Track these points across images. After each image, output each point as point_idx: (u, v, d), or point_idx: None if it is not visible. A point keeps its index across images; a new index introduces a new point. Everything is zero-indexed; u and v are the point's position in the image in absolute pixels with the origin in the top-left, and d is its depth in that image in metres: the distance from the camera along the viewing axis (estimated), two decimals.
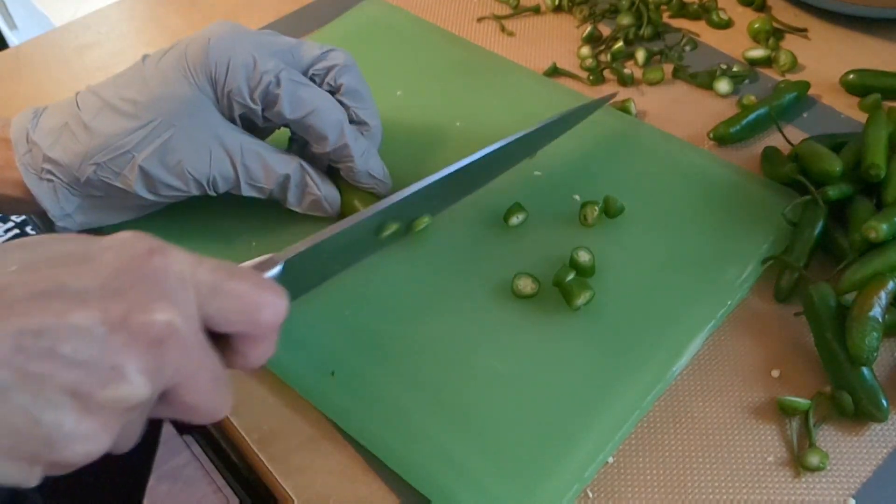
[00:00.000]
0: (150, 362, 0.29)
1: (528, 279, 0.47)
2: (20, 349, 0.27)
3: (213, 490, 0.41)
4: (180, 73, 0.45)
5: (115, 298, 0.29)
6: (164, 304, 0.30)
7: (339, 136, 0.48)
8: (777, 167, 0.52)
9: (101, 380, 0.28)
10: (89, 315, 0.28)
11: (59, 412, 0.28)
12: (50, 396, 0.28)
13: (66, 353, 0.28)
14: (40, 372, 0.27)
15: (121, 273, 0.30)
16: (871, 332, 0.41)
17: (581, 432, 0.41)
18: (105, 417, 0.29)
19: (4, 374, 0.27)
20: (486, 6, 0.71)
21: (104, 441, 0.29)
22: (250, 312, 0.33)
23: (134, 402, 0.29)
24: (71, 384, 0.28)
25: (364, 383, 0.43)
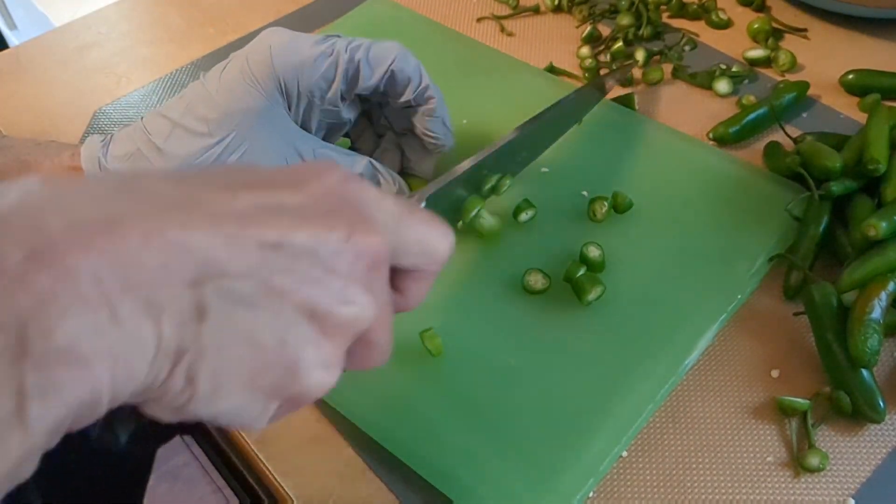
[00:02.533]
0: (370, 284, 0.29)
1: (538, 275, 0.47)
2: (264, 262, 0.25)
3: (213, 490, 0.41)
4: (247, 85, 0.45)
5: (332, 218, 0.28)
6: (375, 228, 0.29)
7: (420, 77, 0.48)
8: (779, 160, 0.52)
9: (336, 299, 0.27)
10: (316, 233, 0.27)
11: (301, 333, 0.26)
12: (291, 315, 0.26)
13: (303, 269, 0.26)
14: (283, 288, 0.26)
15: (328, 195, 0.29)
16: (872, 335, 0.41)
17: (595, 427, 0.41)
18: (338, 343, 0.28)
19: (253, 286, 0.25)
20: (485, 6, 0.71)
21: (337, 371, 0.28)
22: (428, 244, 0.33)
23: (364, 324, 0.28)
24: (310, 303, 0.26)
25: (376, 381, 0.44)
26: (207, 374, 0.25)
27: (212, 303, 0.24)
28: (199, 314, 0.24)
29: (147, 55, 0.69)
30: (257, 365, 0.26)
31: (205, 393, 0.25)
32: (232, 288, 0.25)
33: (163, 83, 0.66)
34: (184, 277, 0.24)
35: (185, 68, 0.67)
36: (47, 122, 0.63)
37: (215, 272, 0.24)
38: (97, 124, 0.62)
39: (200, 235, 0.24)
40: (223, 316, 0.24)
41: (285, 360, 0.26)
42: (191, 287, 0.24)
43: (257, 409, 0.27)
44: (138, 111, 0.63)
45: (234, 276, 0.25)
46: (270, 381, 0.26)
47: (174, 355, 0.24)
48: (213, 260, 0.24)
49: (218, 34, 0.71)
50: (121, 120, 0.62)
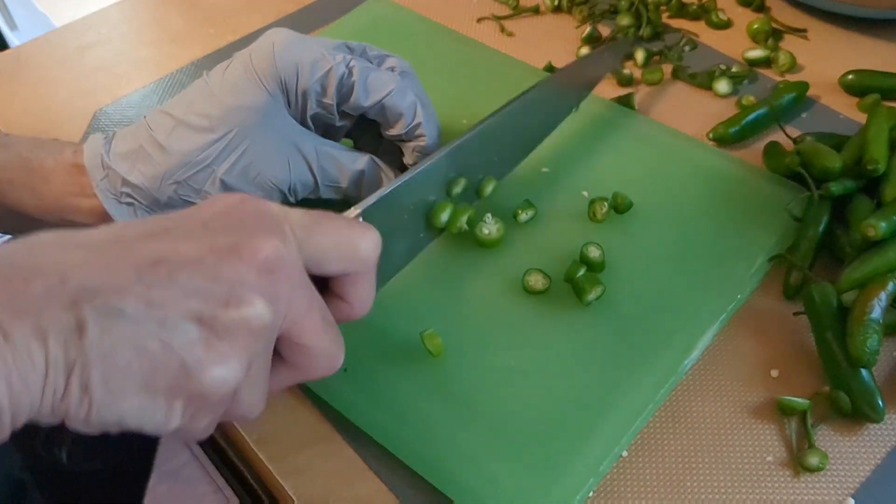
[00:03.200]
0: (265, 288, 0.30)
1: (539, 275, 0.47)
2: (140, 279, 0.28)
3: (213, 490, 0.41)
4: (250, 82, 0.45)
5: (219, 235, 0.31)
6: (268, 235, 0.31)
7: (413, 115, 0.48)
8: (779, 160, 0.52)
9: (222, 302, 0.29)
10: (198, 247, 0.30)
11: (188, 335, 0.29)
12: (176, 322, 0.29)
13: (183, 280, 0.29)
14: (162, 299, 0.28)
15: (219, 216, 0.32)
16: (872, 335, 0.41)
17: (595, 427, 0.41)
18: (233, 341, 0.30)
19: (130, 301, 0.28)
20: (485, 6, 0.71)
21: (236, 367, 0.30)
22: (347, 245, 0.35)
23: (257, 324, 0.30)
24: (194, 309, 0.29)
25: (376, 381, 0.44)
26: (99, 382, 0.28)
27: (90, 319, 0.27)
28: (80, 331, 0.27)
29: (147, 55, 0.69)
30: (147, 368, 0.28)
31: (101, 399, 0.28)
32: (108, 304, 0.28)
33: (163, 83, 0.66)
34: (63, 301, 0.27)
35: (185, 69, 0.67)
36: (48, 122, 0.63)
37: (91, 292, 0.28)
38: (97, 124, 0.62)
39: (76, 266, 0.28)
40: (102, 329, 0.28)
41: (174, 361, 0.29)
42: (69, 308, 0.27)
43: (161, 410, 0.29)
44: (138, 111, 0.63)
45: (109, 294, 0.28)
46: (165, 382, 0.29)
47: (65, 369, 0.27)
48: (88, 284, 0.28)
49: (218, 35, 0.71)
50: (121, 120, 0.63)
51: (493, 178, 0.50)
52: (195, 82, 0.47)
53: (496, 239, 0.49)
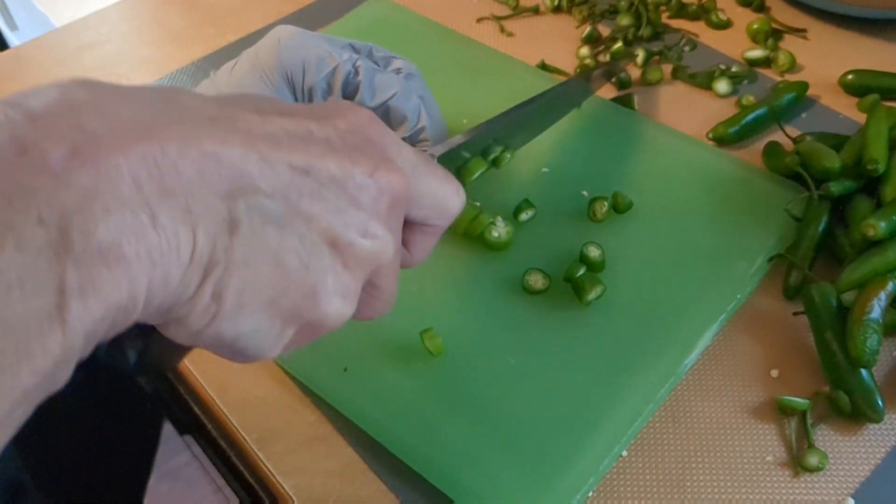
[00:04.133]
0: (390, 221, 0.29)
1: (539, 275, 0.47)
2: (293, 184, 0.26)
3: (213, 490, 0.41)
4: (256, 79, 0.45)
5: (358, 153, 0.28)
6: (398, 168, 0.30)
7: (417, 119, 0.48)
8: (779, 160, 0.52)
9: (359, 231, 0.28)
10: (342, 164, 0.28)
11: (323, 260, 0.27)
12: (315, 242, 0.27)
13: (329, 197, 0.27)
14: (310, 212, 0.26)
15: (355, 131, 0.30)
16: (871, 335, 0.41)
17: (595, 426, 0.41)
18: (356, 274, 0.28)
19: (282, 206, 0.26)
20: (485, 6, 0.71)
21: (354, 302, 0.28)
22: (442, 198, 0.34)
23: (382, 259, 0.29)
24: (333, 232, 0.27)
25: (376, 381, 0.44)
26: (233, 291, 0.25)
27: (243, 217, 0.24)
28: (232, 227, 0.24)
29: (147, 55, 0.69)
30: (280, 286, 0.26)
31: (229, 310, 0.25)
32: (263, 205, 0.25)
33: (163, 83, 0.66)
34: (218, 189, 0.24)
35: (185, 69, 0.67)
36: None
37: (248, 187, 0.25)
38: None
39: (235, 150, 0.24)
40: (253, 232, 0.25)
41: (306, 284, 0.26)
42: (224, 199, 0.24)
43: (274, 333, 0.27)
44: None
45: (265, 193, 0.25)
46: (290, 305, 0.27)
47: (205, 267, 0.24)
48: (246, 175, 0.25)
49: (218, 35, 0.71)
50: None
51: (511, 150, 0.50)
52: (203, 82, 0.47)
53: (505, 242, 0.49)
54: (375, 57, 0.49)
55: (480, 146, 0.47)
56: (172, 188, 0.23)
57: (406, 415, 0.42)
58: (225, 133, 0.25)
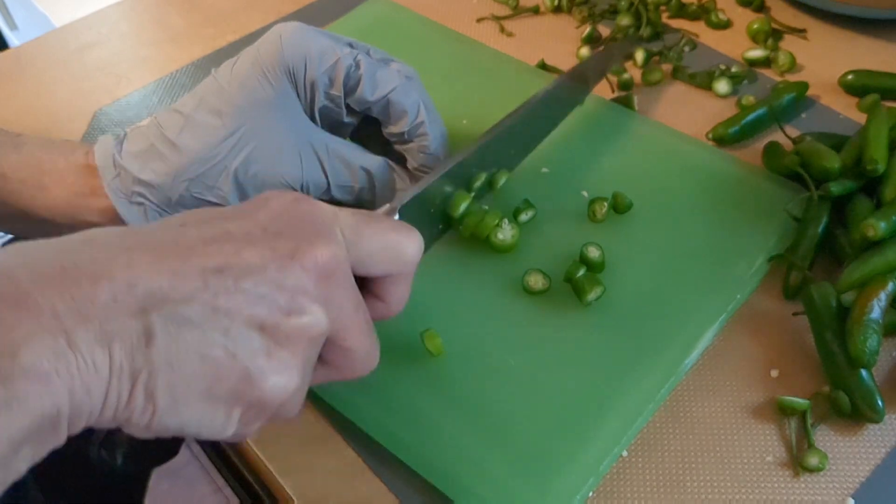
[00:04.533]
0: (321, 295, 0.31)
1: (539, 275, 0.47)
2: (206, 286, 0.28)
3: (213, 490, 0.41)
4: (258, 75, 0.45)
5: (279, 239, 0.31)
6: (325, 241, 0.32)
7: (417, 114, 0.48)
8: (779, 160, 0.52)
9: (284, 311, 0.30)
10: (261, 253, 0.30)
11: (251, 344, 0.29)
12: (240, 331, 0.29)
13: (248, 287, 0.29)
14: (228, 307, 0.29)
15: (276, 218, 0.32)
16: (871, 335, 0.41)
17: (595, 426, 0.41)
18: (292, 349, 0.30)
19: (197, 309, 0.28)
20: (485, 6, 0.71)
21: (295, 375, 0.31)
22: (394, 249, 0.35)
23: (315, 332, 0.31)
24: (258, 318, 0.29)
25: (376, 381, 0.44)
26: (164, 390, 0.28)
27: (157, 327, 0.27)
28: (147, 338, 0.27)
29: (147, 55, 0.69)
30: (211, 377, 0.29)
31: (165, 406, 0.28)
32: (176, 313, 0.28)
33: (163, 83, 0.66)
34: (130, 308, 0.27)
35: (185, 69, 0.67)
36: (48, 122, 0.63)
37: (159, 301, 0.28)
38: (97, 124, 0.62)
39: (143, 272, 0.28)
40: (169, 338, 0.28)
41: (238, 370, 0.29)
42: (137, 316, 0.27)
43: (220, 417, 0.30)
44: (138, 111, 0.63)
45: (177, 301, 0.28)
46: (227, 390, 0.29)
47: (130, 376, 0.27)
48: (157, 291, 0.28)
49: (218, 35, 0.71)
50: (121, 120, 0.63)
51: (505, 170, 0.50)
52: (204, 80, 0.47)
53: (511, 244, 0.49)
54: (373, 58, 0.49)
55: (461, 176, 0.47)
56: (87, 315, 0.26)
57: (406, 415, 0.42)
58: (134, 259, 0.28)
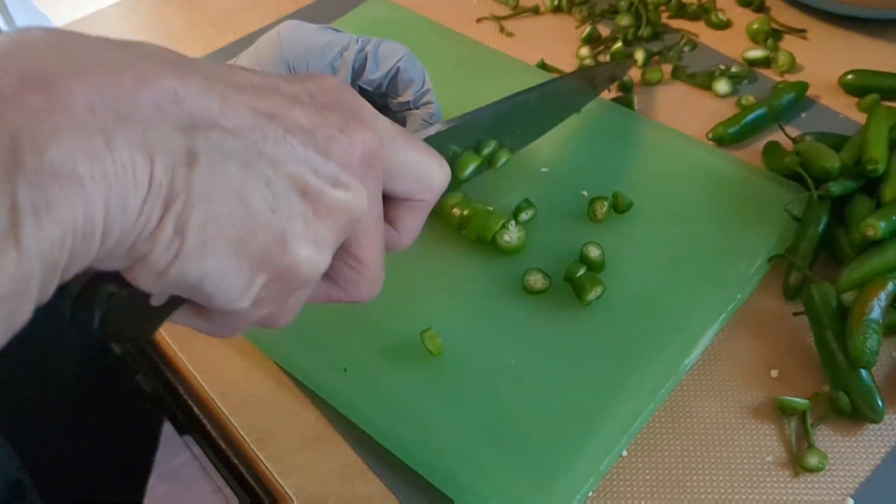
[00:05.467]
0: (365, 177, 0.29)
1: (539, 275, 0.47)
2: (255, 126, 0.26)
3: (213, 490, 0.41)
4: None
5: (327, 110, 0.29)
6: (370, 127, 0.30)
7: (423, 82, 0.49)
8: (779, 160, 0.52)
9: (329, 181, 0.27)
10: (310, 116, 0.28)
11: (292, 206, 0.27)
12: (283, 186, 0.26)
13: (296, 145, 0.27)
14: (276, 156, 0.26)
15: (324, 92, 0.30)
16: (871, 335, 0.41)
17: (595, 426, 0.41)
18: (330, 224, 0.28)
19: (244, 145, 0.26)
20: (485, 6, 0.71)
21: (327, 253, 0.28)
22: (425, 169, 0.33)
23: (356, 213, 0.28)
24: (302, 179, 0.27)
25: (376, 380, 0.44)
26: (196, 226, 0.24)
27: (202, 150, 0.24)
28: (190, 159, 0.24)
29: None
30: (246, 227, 0.26)
31: (192, 247, 0.25)
32: (223, 142, 0.25)
33: None
34: (176, 121, 0.24)
35: None
36: None
37: (207, 123, 0.25)
38: None
39: (194, 88, 0.25)
40: (213, 166, 0.25)
41: (274, 227, 0.26)
42: (183, 132, 0.24)
43: (243, 279, 0.27)
44: None
45: (225, 130, 0.25)
46: (258, 248, 0.26)
47: (165, 199, 0.24)
48: (205, 111, 0.25)
49: (218, 35, 0.71)
50: None
51: (507, 150, 0.50)
52: None
53: (518, 246, 0.49)
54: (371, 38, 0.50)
55: (470, 138, 0.46)
56: (128, 116, 0.23)
57: (406, 415, 0.42)
58: (185, 73, 0.25)
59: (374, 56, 0.47)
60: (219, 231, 0.25)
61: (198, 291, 0.26)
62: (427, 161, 0.33)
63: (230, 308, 0.27)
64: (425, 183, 0.33)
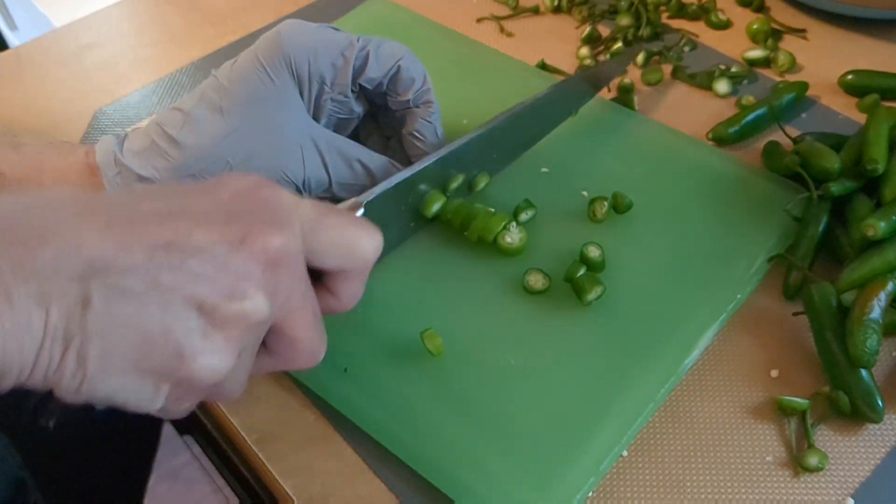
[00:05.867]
0: (267, 282, 0.31)
1: (539, 275, 0.47)
2: (152, 260, 0.29)
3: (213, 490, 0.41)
4: (259, 71, 0.45)
5: (234, 223, 0.31)
6: (279, 229, 0.32)
7: (423, 80, 0.49)
8: (779, 160, 0.52)
9: (226, 294, 0.30)
10: (211, 235, 0.30)
11: (188, 323, 0.29)
12: (179, 308, 0.29)
13: (193, 267, 0.29)
14: (170, 283, 0.29)
15: (236, 200, 0.32)
16: (871, 335, 0.41)
17: (595, 426, 0.41)
18: (228, 333, 0.30)
19: (138, 281, 0.28)
20: (485, 6, 0.71)
21: (228, 358, 0.31)
22: (351, 244, 0.35)
23: (255, 319, 0.31)
24: (198, 297, 0.29)
25: (376, 381, 0.44)
26: (96, 357, 0.28)
27: (96, 294, 0.28)
28: (84, 304, 0.28)
29: (147, 56, 0.69)
30: (143, 349, 0.29)
31: (94, 374, 0.28)
32: (117, 283, 0.28)
33: (163, 83, 0.66)
34: (72, 273, 0.27)
35: (185, 69, 0.67)
36: (48, 122, 0.63)
37: (101, 267, 0.28)
38: (97, 124, 0.62)
39: (90, 238, 0.28)
40: (107, 306, 0.28)
41: (171, 346, 0.29)
42: (78, 281, 0.28)
43: (148, 390, 0.30)
44: (138, 111, 0.63)
45: (120, 272, 0.28)
46: (157, 364, 0.29)
47: (63, 339, 0.28)
48: (100, 259, 0.28)
49: (218, 35, 0.71)
50: (121, 120, 0.63)
51: (486, 174, 0.51)
52: (204, 81, 0.47)
53: (519, 248, 0.49)
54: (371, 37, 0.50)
55: (435, 177, 0.47)
56: (28, 273, 0.27)
57: (406, 415, 0.42)
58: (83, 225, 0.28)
59: (375, 55, 0.47)
60: (117, 357, 0.29)
61: (113, 402, 0.30)
62: (355, 235, 0.36)
63: (147, 411, 0.31)
64: (354, 256, 0.36)
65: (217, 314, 0.30)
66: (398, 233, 0.48)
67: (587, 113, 0.57)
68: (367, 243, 0.36)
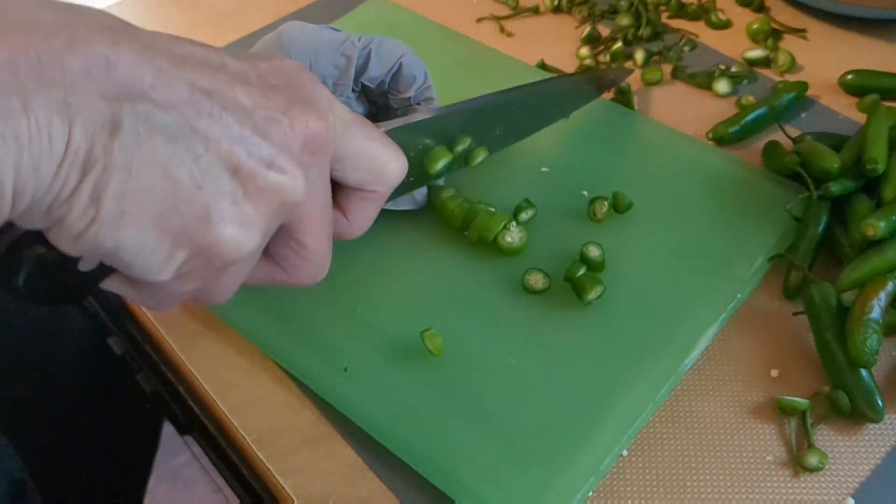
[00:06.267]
0: (306, 162, 0.28)
1: (539, 275, 0.47)
2: (191, 101, 0.25)
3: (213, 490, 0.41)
4: None
5: (274, 92, 0.28)
6: (319, 114, 0.29)
7: (425, 77, 0.49)
8: (779, 160, 0.52)
9: (265, 163, 0.27)
10: (253, 97, 0.27)
11: (220, 184, 0.26)
12: (213, 164, 0.26)
13: (231, 124, 0.26)
14: (207, 132, 0.26)
15: (276, 74, 0.29)
16: (871, 335, 0.41)
17: (596, 426, 0.41)
18: (260, 206, 0.27)
19: (174, 120, 0.25)
20: (485, 6, 0.71)
21: (255, 235, 0.28)
22: (378, 159, 0.33)
23: (289, 198, 0.28)
24: (235, 159, 0.26)
25: (376, 381, 0.44)
26: (113, 195, 0.24)
27: (127, 121, 0.24)
28: (113, 128, 0.24)
29: None
30: (168, 201, 0.25)
31: (108, 215, 0.25)
32: (152, 114, 0.25)
33: None
34: (103, 89, 0.24)
35: None
36: None
37: (136, 93, 0.24)
38: None
39: (128, 57, 0.24)
40: (137, 138, 0.24)
41: (198, 204, 0.26)
42: (109, 101, 0.24)
43: (162, 253, 0.26)
44: None
45: (156, 103, 0.25)
46: (179, 224, 0.26)
47: (82, 165, 0.24)
48: (136, 81, 0.24)
49: (218, 35, 0.71)
50: None
51: (486, 148, 0.49)
52: None
53: (519, 247, 0.49)
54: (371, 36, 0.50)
55: (445, 133, 0.46)
56: (52, 79, 0.23)
57: (406, 414, 0.42)
58: (122, 41, 0.24)
59: (376, 53, 0.47)
60: (138, 202, 0.25)
61: (116, 259, 0.26)
62: (383, 152, 0.33)
63: (150, 280, 0.27)
64: (378, 174, 0.33)
65: (252, 183, 0.27)
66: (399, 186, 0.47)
67: (587, 113, 0.57)
68: (394, 164, 0.34)
